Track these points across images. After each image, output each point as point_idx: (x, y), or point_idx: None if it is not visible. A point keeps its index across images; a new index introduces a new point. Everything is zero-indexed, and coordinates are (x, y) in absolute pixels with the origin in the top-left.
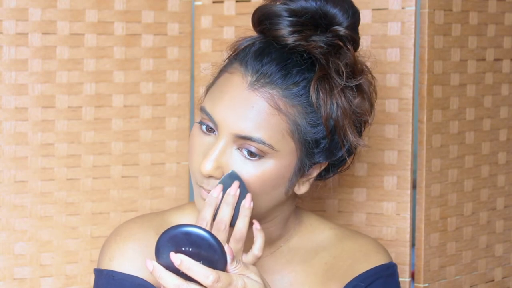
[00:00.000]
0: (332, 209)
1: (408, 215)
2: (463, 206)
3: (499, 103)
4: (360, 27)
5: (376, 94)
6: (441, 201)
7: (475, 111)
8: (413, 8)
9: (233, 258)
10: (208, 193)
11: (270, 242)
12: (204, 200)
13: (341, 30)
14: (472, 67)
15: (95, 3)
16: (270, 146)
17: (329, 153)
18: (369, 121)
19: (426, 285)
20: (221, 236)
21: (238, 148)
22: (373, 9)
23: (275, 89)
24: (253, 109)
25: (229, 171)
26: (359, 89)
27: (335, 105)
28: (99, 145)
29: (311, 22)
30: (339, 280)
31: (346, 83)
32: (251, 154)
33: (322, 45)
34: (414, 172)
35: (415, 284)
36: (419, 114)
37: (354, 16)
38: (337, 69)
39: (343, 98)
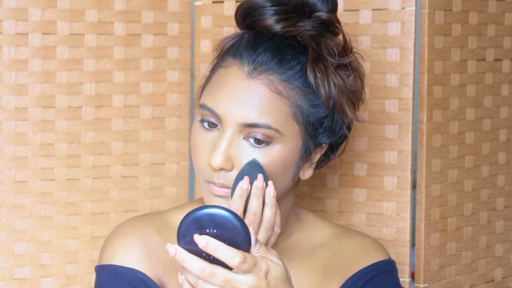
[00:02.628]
0: (332, 209)
1: (408, 215)
2: (463, 206)
3: (499, 103)
4: (360, 27)
5: (364, 71)
6: (441, 201)
7: (475, 111)
8: (413, 8)
9: (256, 240)
10: (220, 187)
11: None
12: (216, 196)
13: (323, 14)
14: (472, 67)
15: (95, 3)
16: (277, 130)
17: (331, 132)
18: (362, 98)
19: (426, 285)
20: (255, 228)
21: (245, 138)
22: (373, 9)
23: (272, 75)
24: (255, 96)
25: (250, 159)
26: (350, 67)
27: (332, 83)
28: (99, 145)
29: (294, 10)
30: (338, 276)
31: (340, 62)
32: (258, 141)
33: (310, 28)
34: (414, 172)
35: (415, 284)
36: (419, 114)
37: (332, 1)
38: (329, 49)
39: (338, 77)
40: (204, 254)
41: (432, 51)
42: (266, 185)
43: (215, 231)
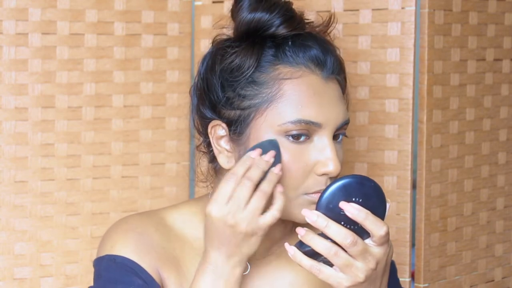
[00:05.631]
0: None
1: (408, 215)
2: (463, 206)
3: (499, 103)
4: (360, 27)
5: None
6: (441, 201)
7: (475, 111)
8: (413, 8)
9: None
10: None
11: (272, 242)
12: None
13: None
14: (472, 67)
15: (95, 3)
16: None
17: None
18: None
19: (426, 285)
20: (243, 192)
21: (334, 138)
22: (373, 9)
23: (335, 71)
24: (338, 95)
25: (271, 138)
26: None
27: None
28: (99, 145)
29: (287, 13)
30: None
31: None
32: (339, 137)
33: (307, 19)
34: (414, 172)
35: (415, 284)
36: (419, 114)
37: None
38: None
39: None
40: (342, 222)
41: (432, 51)
42: (274, 165)
43: (360, 200)
